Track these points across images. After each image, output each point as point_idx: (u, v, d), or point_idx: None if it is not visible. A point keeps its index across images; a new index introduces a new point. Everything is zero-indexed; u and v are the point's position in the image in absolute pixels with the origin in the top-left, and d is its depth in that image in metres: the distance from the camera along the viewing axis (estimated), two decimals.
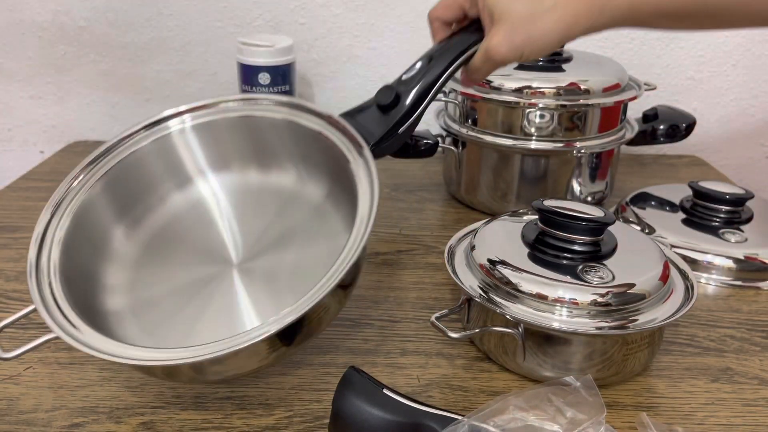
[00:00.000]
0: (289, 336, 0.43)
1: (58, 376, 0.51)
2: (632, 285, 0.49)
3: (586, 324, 0.48)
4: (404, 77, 0.54)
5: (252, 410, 0.48)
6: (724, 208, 0.69)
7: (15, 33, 0.95)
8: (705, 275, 0.65)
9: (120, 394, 0.49)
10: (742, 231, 0.68)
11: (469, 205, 0.81)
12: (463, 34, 0.54)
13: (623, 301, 0.48)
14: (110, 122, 1.01)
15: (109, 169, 0.52)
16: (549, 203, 0.53)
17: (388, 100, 0.52)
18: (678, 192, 0.75)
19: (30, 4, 0.93)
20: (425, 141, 0.77)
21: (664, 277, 0.51)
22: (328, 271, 0.41)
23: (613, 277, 0.49)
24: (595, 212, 0.52)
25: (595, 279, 0.49)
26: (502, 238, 0.55)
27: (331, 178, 0.52)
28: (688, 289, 0.52)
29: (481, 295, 0.51)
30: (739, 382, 0.52)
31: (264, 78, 0.81)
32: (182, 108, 0.54)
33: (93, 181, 0.52)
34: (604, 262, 0.51)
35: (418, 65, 0.55)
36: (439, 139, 0.78)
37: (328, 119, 0.51)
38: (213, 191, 0.55)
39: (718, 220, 0.70)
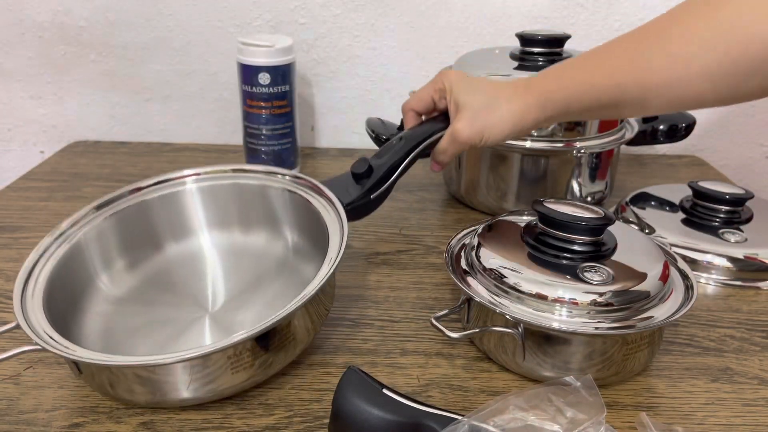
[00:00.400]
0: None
1: (58, 376, 0.51)
2: (632, 285, 0.49)
3: (585, 324, 0.48)
4: (378, 153, 0.61)
5: (252, 410, 0.48)
6: (724, 208, 0.70)
7: (15, 33, 0.95)
8: (705, 275, 0.66)
9: None
10: (742, 231, 0.68)
11: (469, 205, 0.81)
12: (431, 122, 0.63)
13: (623, 301, 0.48)
14: (110, 122, 1.01)
15: (114, 213, 0.58)
16: (548, 204, 0.53)
17: (362, 170, 0.58)
18: (678, 192, 0.75)
19: (30, 4, 0.93)
20: None
21: (664, 277, 0.51)
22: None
23: (613, 277, 0.49)
24: (595, 212, 0.52)
25: (595, 279, 0.49)
26: (502, 238, 0.55)
27: (308, 236, 0.58)
28: (688, 289, 0.52)
29: (480, 295, 0.51)
30: (739, 382, 0.52)
31: (264, 78, 0.81)
32: (188, 171, 0.61)
33: (97, 221, 0.57)
34: (604, 262, 0.51)
35: (393, 142, 0.62)
36: None
37: (313, 187, 0.58)
38: (207, 247, 0.61)
39: (717, 220, 0.70)
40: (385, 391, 0.42)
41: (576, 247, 0.52)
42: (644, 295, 0.49)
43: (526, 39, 0.77)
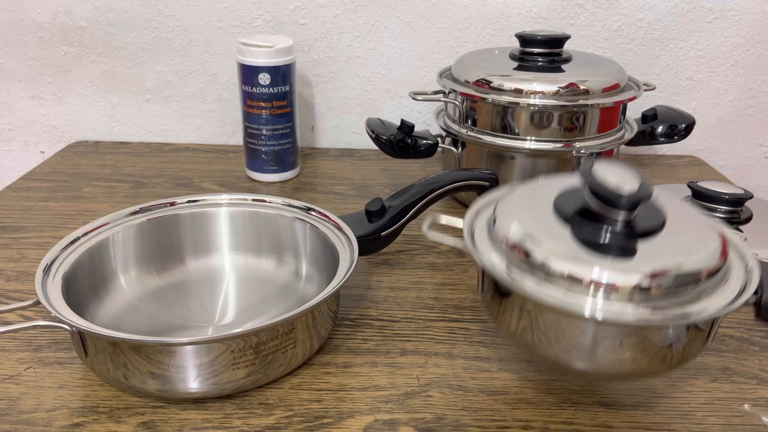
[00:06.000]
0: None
1: (58, 376, 0.51)
2: (683, 265, 0.40)
3: (626, 312, 0.39)
4: (395, 194, 0.64)
5: (252, 410, 0.48)
6: (723, 208, 0.70)
7: (15, 33, 0.95)
8: None
9: (120, 393, 0.49)
10: (741, 231, 0.68)
11: (469, 206, 0.81)
12: (453, 172, 0.66)
13: (674, 285, 0.40)
14: (110, 122, 1.01)
15: (146, 221, 0.61)
16: (595, 169, 0.44)
17: (376, 208, 0.61)
18: (677, 192, 0.75)
19: (30, 4, 0.93)
20: (425, 141, 0.77)
21: (724, 254, 0.42)
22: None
23: (659, 257, 0.41)
24: (639, 177, 0.43)
25: (639, 258, 0.41)
26: (529, 210, 0.47)
27: (319, 267, 0.60)
28: (745, 269, 0.44)
29: (504, 277, 0.43)
30: (738, 382, 0.52)
31: (264, 78, 0.81)
32: (223, 196, 0.65)
33: (130, 224, 0.60)
34: (652, 239, 0.43)
35: (410, 187, 0.64)
36: (439, 139, 0.78)
37: (331, 221, 0.60)
38: (227, 267, 0.64)
39: (717, 220, 0.70)
40: None
41: (620, 221, 0.43)
42: (698, 277, 0.40)
43: (525, 39, 0.77)
